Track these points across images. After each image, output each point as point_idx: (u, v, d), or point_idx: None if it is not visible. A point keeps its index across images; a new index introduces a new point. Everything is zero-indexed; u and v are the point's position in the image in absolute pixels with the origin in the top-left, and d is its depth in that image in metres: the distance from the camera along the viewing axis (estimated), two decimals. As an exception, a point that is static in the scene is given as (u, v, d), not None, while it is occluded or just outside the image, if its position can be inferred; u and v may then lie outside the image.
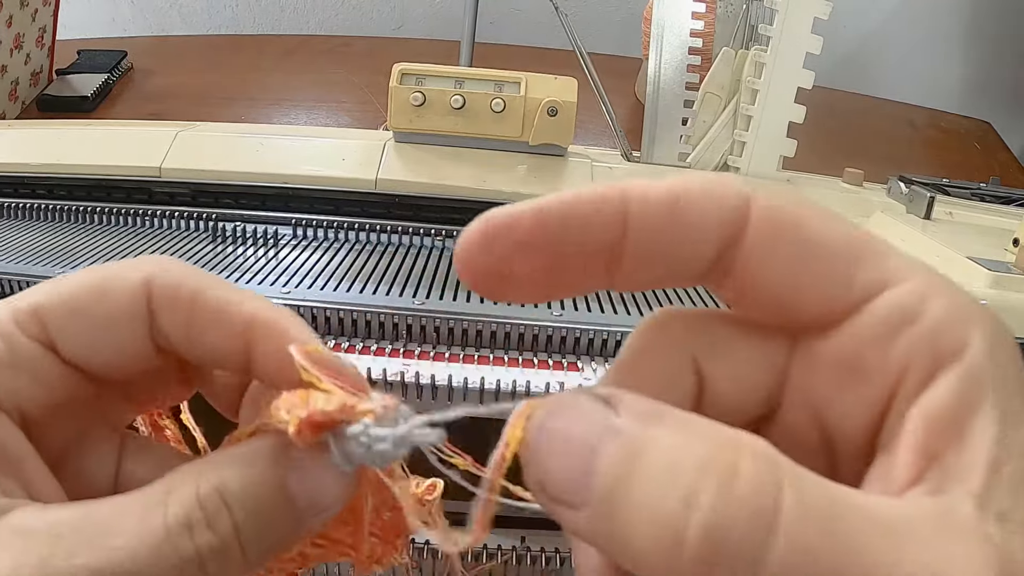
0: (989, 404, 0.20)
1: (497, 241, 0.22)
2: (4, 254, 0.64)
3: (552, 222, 0.22)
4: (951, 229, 0.72)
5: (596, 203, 0.22)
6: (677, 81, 0.80)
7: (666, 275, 0.24)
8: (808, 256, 0.22)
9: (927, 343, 0.21)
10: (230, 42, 1.68)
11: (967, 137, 1.46)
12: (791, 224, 0.22)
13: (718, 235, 0.22)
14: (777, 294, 0.23)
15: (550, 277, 0.23)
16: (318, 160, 0.76)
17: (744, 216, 0.22)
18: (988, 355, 0.21)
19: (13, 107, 1.29)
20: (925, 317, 0.21)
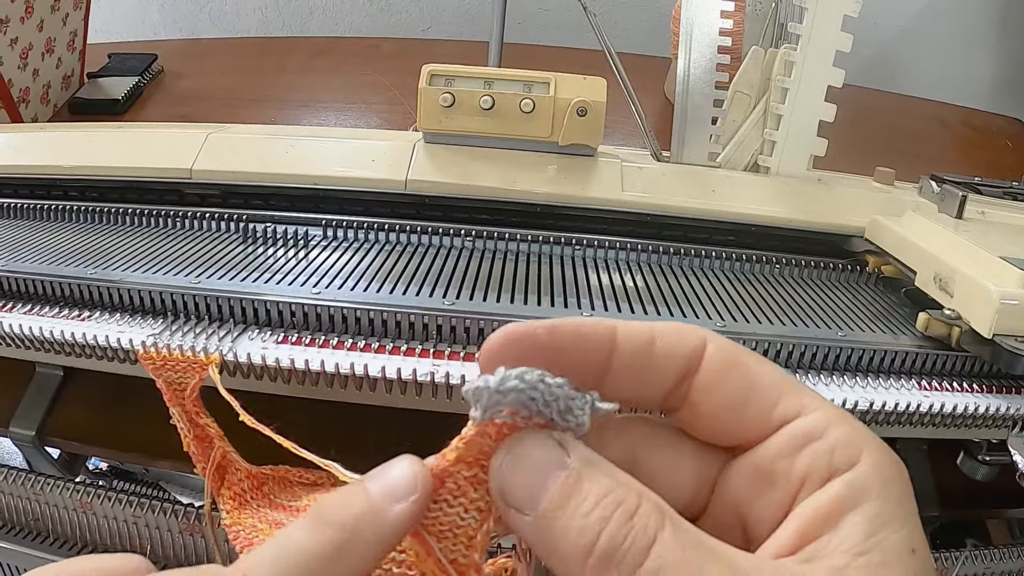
0: (866, 507, 0.27)
1: (514, 346, 0.30)
2: (38, 255, 0.65)
3: (560, 338, 0.30)
4: (983, 229, 0.71)
5: (595, 329, 0.30)
6: (706, 80, 0.80)
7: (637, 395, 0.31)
8: (746, 389, 0.30)
9: (825, 457, 0.28)
10: (260, 44, 1.69)
11: (998, 135, 1.45)
12: (735, 363, 0.31)
13: (680, 366, 0.31)
14: (718, 417, 0.31)
15: None
16: (348, 161, 0.76)
17: (701, 354, 0.31)
18: (873, 471, 0.28)
19: (45, 110, 1.30)
20: (826, 438, 0.29)
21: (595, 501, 0.27)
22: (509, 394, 0.28)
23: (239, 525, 0.44)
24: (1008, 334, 0.56)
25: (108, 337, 0.55)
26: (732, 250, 0.74)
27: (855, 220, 0.76)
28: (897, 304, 0.69)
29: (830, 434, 0.29)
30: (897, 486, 0.28)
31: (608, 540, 0.26)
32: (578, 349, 0.30)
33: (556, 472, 0.28)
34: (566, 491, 0.27)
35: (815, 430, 0.29)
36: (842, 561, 0.26)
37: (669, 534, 0.26)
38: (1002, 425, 0.59)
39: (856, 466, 0.28)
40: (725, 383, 0.30)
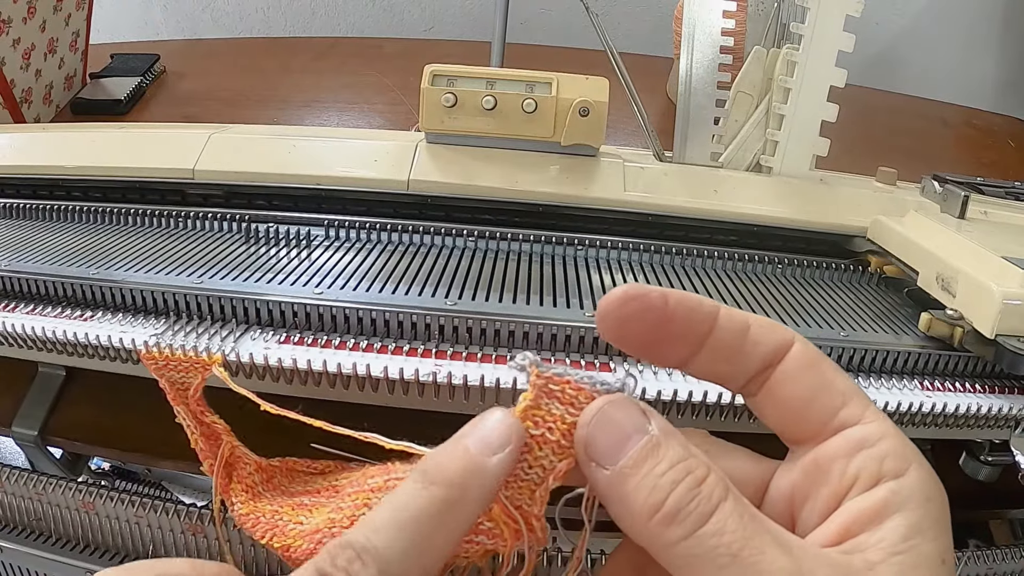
0: (907, 514, 0.30)
1: (632, 303, 0.33)
2: (41, 256, 0.65)
3: (672, 307, 0.33)
4: (986, 229, 0.71)
5: (701, 304, 0.33)
6: (709, 80, 0.80)
7: (724, 373, 0.34)
8: (817, 388, 0.33)
9: (876, 463, 0.31)
10: (262, 44, 1.69)
11: (1001, 135, 1.45)
12: (814, 364, 0.33)
13: (768, 354, 0.33)
14: (789, 408, 0.34)
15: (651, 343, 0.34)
16: (350, 161, 0.76)
17: (787, 348, 0.34)
18: (917, 485, 0.31)
19: (47, 110, 1.30)
20: (879, 446, 0.31)
21: (669, 465, 0.30)
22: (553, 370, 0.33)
23: (258, 512, 0.44)
24: (1011, 334, 0.56)
25: (110, 337, 0.55)
26: (734, 250, 0.74)
27: (857, 220, 0.76)
28: (899, 304, 0.69)
29: (883, 444, 0.31)
30: (936, 504, 0.31)
31: (675, 501, 0.29)
32: (685, 320, 0.33)
33: (638, 435, 0.31)
34: (644, 453, 0.31)
35: (871, 438, 0.32)
36: (878, 557, 0.29)
37: (731, 504, 0.29)
38: (1004, 425, 0.59)
39: (902, 477, 0.31)
40: (801, 379, 0.33)
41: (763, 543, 0.29)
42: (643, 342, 0.34)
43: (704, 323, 0.33)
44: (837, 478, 0.32)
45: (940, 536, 0.30)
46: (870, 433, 0.32)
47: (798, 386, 0.33)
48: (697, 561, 0.29)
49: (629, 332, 0.34)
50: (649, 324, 0.33)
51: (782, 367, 0.34)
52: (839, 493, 0.31)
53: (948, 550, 0.30)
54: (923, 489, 0.31)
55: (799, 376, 0.33)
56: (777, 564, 0.28)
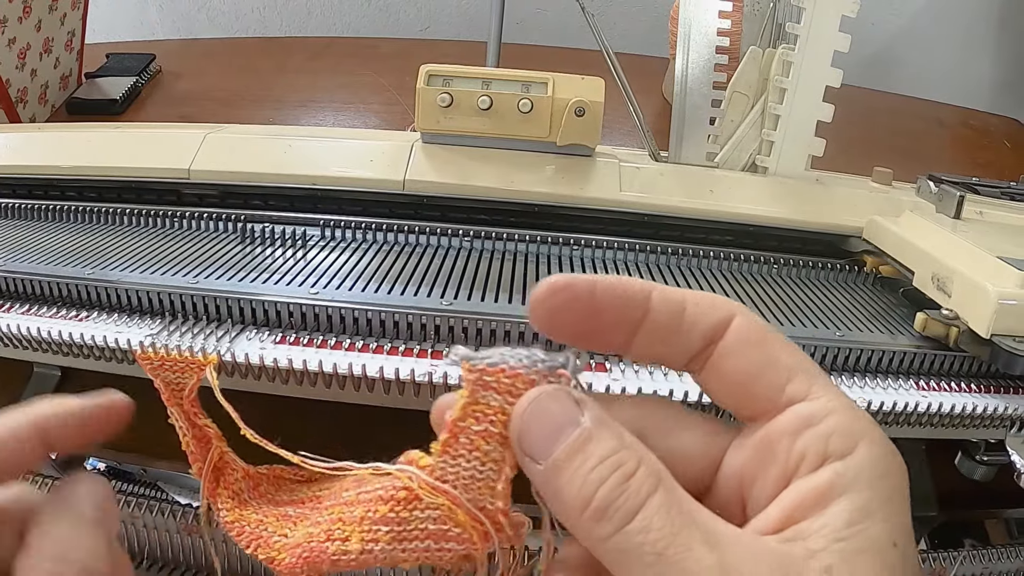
0: (853, 496, 0.28)
1: (557, 295, 0.32)
2: (36, 256, 0.65)
3: (599, 296, 0.32)
4: (981, 229, 0.71)
5: (631, 289, 0.32)
6: (704, 80, 0.80)
7: (663, 355, 0.34)
8: (761, 365, 0.32)
9: (821, 442, 0.30)
10: (258, 44, 1.69)
11: (996, 135, 1.45)
12: (758, 339, 0.32)
13: (706, 333, 0.32)
14: (733, 385, 0.33)
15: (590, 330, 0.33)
16: (346, 161, 0.76)
17: (727, 324, 0.32)
18: (867, 463, 0.29)
19: (43, 110, 1.30)
20: (825, 423, 0.30)
21: (598, 460, 0.29)
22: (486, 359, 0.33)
23: (243, 521, 0.44)
24: (1006, 334, 0.56)
25: (106, 337, 0.55)
26: (730, 250, 0.74)
27: (853, 220, 0.76)
28: (895, 304, 0.69)
29: (830, 421, 0.30)
30: (890, 481, 0.30)
31: (603, 496, 0.29)
32: (615, 307, 0.32)
33: (569, 428, 0.30)
34: (575, 447, 0.30)
35: (817, 415, 0.30)
36: (820, 545, 0.28)
37: (658, 499, 0.28)
38: (1000, 425, 0.59)
39: (850, 456, 0.29)
40: (744, 354, 0.32)
41: (689, 539, 0.28)
42: (576, 332, 0.33)
43: (636, 308, 0.32)
44: (784, 458, 0.31)
45: (892, 516, 0.29)
46: (816, 410, 0.31)
47: (741, 362, 0.32)
48: (626, 558, 0.28)
49: (560, 323, 0.33)
50: (579, 314, 0.32)
51: (723, 343, 0.32)
52: (786, 474, 0.30)
53: (902, 531, 0.29)
54: (873, 467, 0.29)
55: (742, 352, 0.32)
56: (703, 563, 0.27)
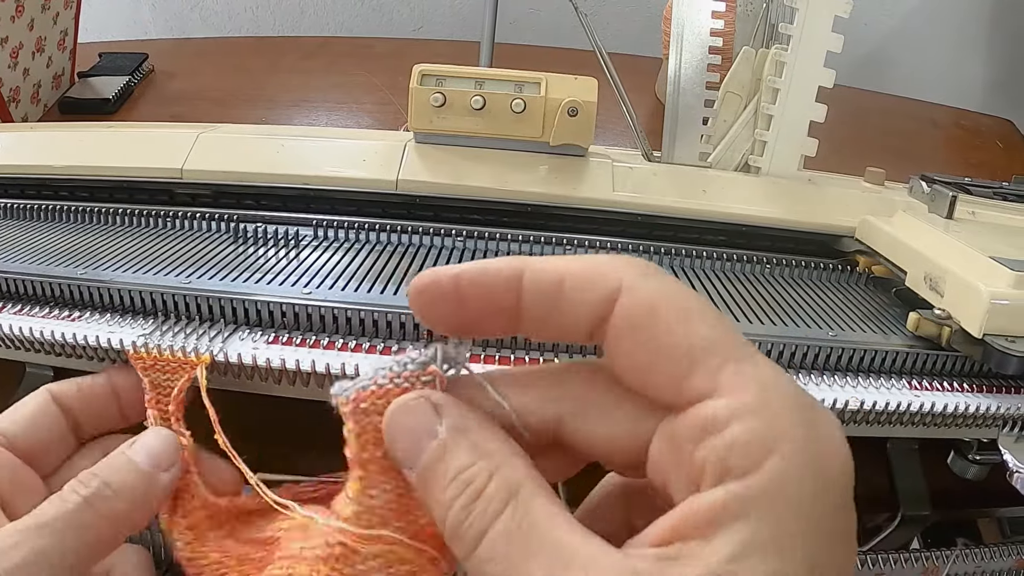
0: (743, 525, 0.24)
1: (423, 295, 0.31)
2: (28, 255, 0.64)
3: (464, 287, 0.30)
4: (974, 229, 0.72)
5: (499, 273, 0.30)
6: (697, 81, 0.80)
7: (557, 335, 0.31)
8: (654, 352, 0.27)
9: (720, 455, 0.25)
10: (251, 44, 1.69)
11: (989, 135, 1.45)
12: (648, 320, 0.27)
13: (590, 313, 0.28)
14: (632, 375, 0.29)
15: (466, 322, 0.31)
16: (339, 161, 0.76)
17: (611, 305, 0.28)
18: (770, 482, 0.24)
19: (35, 110, 1.30)
20: (725, 433, 0.25)
21: (452, 477, 0.28)
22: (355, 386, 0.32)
23: (201, 559, 0.43)
24: (998, 334, 0.56)
25: (98, 337, 0.55)
26: (723, 250, 0.74)
27: (845, 220, 0.76)
28: (887, 304, 0.69)
29: (732, 429, 0.25)
30: (804, 507, 0.25)
31: (452, 519, 0.28)
32: (482, 296, 0.30)
33: (427, 441, 0.29)
34: (433, 461, 0.29)
35: (717, 421, 0.26)
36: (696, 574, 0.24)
37: (503, 523, 0.26)
38: (992, 424, 0.59)
39: (751, 474, 0.25)
40: (632, 340, 0.28)
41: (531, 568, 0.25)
42: (455, 324, 0.31)
43: (507, 294, 0.30)
44: (688, 466, 0.26)
45: (794, 549, 0.24)
46: (719, 413, 0.26)
47: (632, 348, 0.28)
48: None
49: (435, 318, 0.31)
50: (450, 308, 0.31)
51: (611, 326, 0.28)
52: (692, 482, 0.26)
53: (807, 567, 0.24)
54: (780, 490, 0.24)
55: (630, 336, 0.28)
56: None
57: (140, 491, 0.36)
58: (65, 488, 0.35)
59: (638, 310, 0.28)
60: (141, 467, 0.36)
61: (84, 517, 0.34)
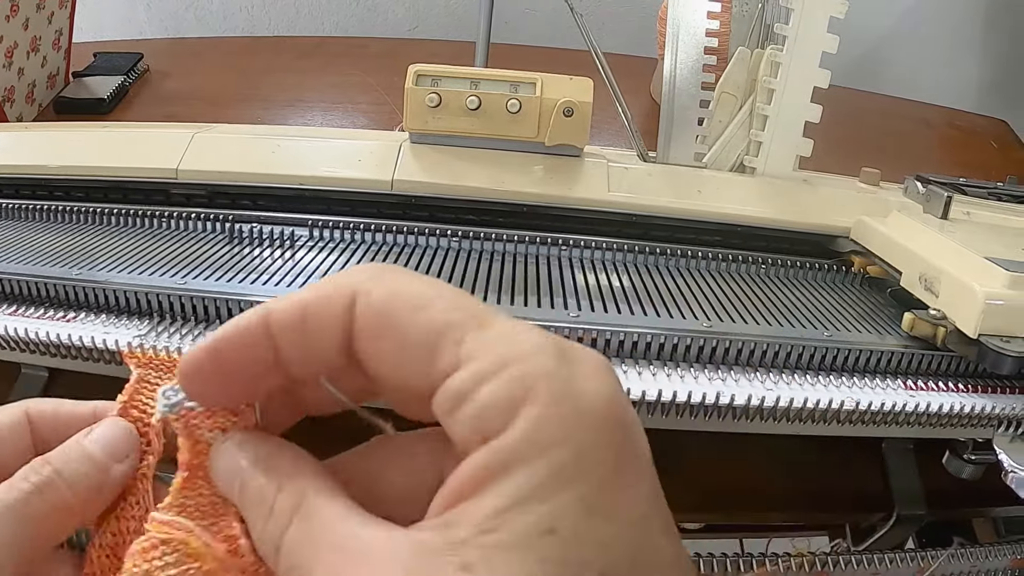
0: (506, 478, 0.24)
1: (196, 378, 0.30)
2: (23, 256, 0.64)
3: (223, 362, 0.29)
4: (969, 229, 0.72)
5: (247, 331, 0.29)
6: (693, 81, 0.80)
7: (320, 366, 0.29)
8: (399, 348, 0.27)
9: (476, 422, 0.25)
10: (246, 44, 1.69)
11: (983, 136, 1.45)
12: (384, 322, 0.27)
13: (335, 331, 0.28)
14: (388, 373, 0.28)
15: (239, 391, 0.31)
16: (334, 161, 0.76)
17: (351, 315, 0.28)
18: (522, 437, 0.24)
19: (30, 109, 1.29)
20: (475, 399, 0.25)
21: (250, 502, 0.29)
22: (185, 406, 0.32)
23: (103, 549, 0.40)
24: (993, 334, 0.56)
25: (93, 338, 0.55)
26: (718, 250, 0.74)
27: (841, 220, 0.76)
28: (883, 304, 0.69)
29: (479, 394, 0.25)
30: (560, 453, 0.24)
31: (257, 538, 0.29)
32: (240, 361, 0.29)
33: (235, 479, 0.30)
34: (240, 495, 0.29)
35: (465, 390, 0.26)
36: (466, 534, 0.24)
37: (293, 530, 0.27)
38: (987, 424, 0.59)
39: (505, 431, 0.24)
40: (377, 343, 0.28)
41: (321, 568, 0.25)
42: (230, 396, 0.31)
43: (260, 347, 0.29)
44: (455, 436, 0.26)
45: (551, 498, 0.24)
46: (464, 384, 0.25)
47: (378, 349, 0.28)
48: None
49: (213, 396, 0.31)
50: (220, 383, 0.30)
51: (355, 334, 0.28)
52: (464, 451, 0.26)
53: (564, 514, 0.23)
54: (535, 440, 0.24)
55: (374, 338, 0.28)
56: None
57: (93, 482, 0.35)
58: (16, 475, 0.34)
59: (373, 312, 0.27)
60: (96, 457, 0.35)
61: (31, 507, 0.32)
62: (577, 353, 0.26)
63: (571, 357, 0.26)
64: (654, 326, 0.59)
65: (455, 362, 0.26)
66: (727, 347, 0.59)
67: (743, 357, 0.59)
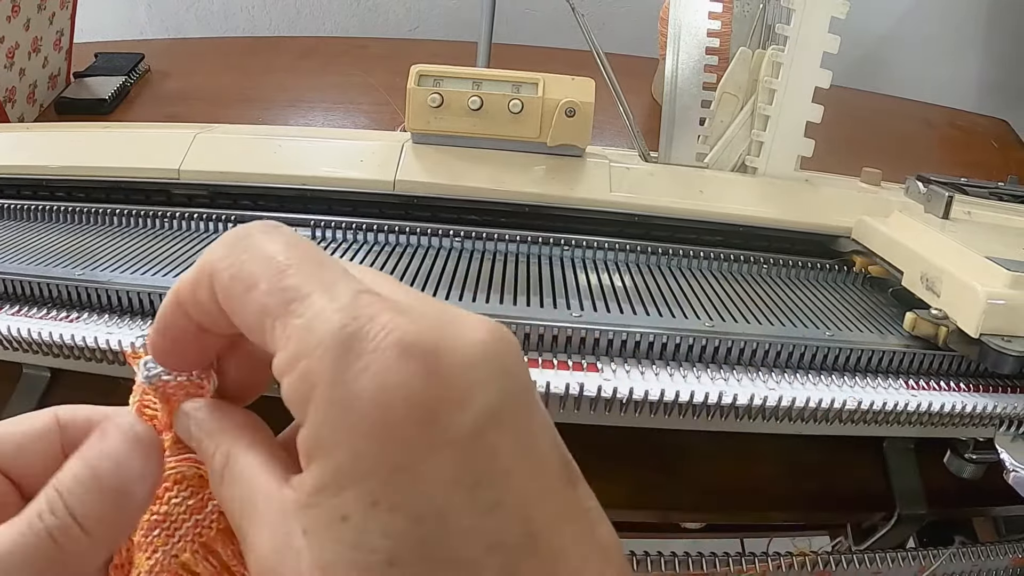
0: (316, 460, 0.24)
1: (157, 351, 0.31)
2: (25, 256, 0.64)
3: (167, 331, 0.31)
4: (970, 229, 0.72)
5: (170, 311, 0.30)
6: (694, 81, 0.80)
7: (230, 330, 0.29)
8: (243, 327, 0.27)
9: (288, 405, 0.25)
10: (247, 44, 1.69)
11: (984, 136, 1.45)
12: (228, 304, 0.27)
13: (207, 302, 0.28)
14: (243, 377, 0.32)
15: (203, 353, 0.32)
16: (336, 161, 0.76)
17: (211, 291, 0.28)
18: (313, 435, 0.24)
19: (31, 110, 1.29)
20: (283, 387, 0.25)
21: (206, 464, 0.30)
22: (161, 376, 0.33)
23: None
24: (994, 333, 0.56)
25: (96, 338, 0.55)
26: (720, 250, 0.74)
27: (842, 220, 0.76)
28: (884, 304, 0.69)
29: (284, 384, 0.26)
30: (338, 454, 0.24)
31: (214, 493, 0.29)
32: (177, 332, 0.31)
33: (190, 442, 0.31)
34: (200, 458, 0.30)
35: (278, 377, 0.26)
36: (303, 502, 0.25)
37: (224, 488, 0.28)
38: (989, 424, 0.59)
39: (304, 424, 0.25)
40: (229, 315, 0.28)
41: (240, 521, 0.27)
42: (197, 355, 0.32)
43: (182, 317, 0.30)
44: None
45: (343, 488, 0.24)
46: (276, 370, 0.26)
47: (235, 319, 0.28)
48: None
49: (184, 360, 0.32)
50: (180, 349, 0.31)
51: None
52: None
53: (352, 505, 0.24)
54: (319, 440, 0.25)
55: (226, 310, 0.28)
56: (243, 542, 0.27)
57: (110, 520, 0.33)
58: (29, 510, 0.32)
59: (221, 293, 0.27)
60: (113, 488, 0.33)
61: (44, 553, 0.31)
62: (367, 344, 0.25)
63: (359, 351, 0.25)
64: (656, 326, 0.59)
65: (274, 347, 0.26)
66: (729, 347, 0.59)
67: (745, 357, 0.60)
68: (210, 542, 0.33)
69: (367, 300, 0.26)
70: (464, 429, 0.24)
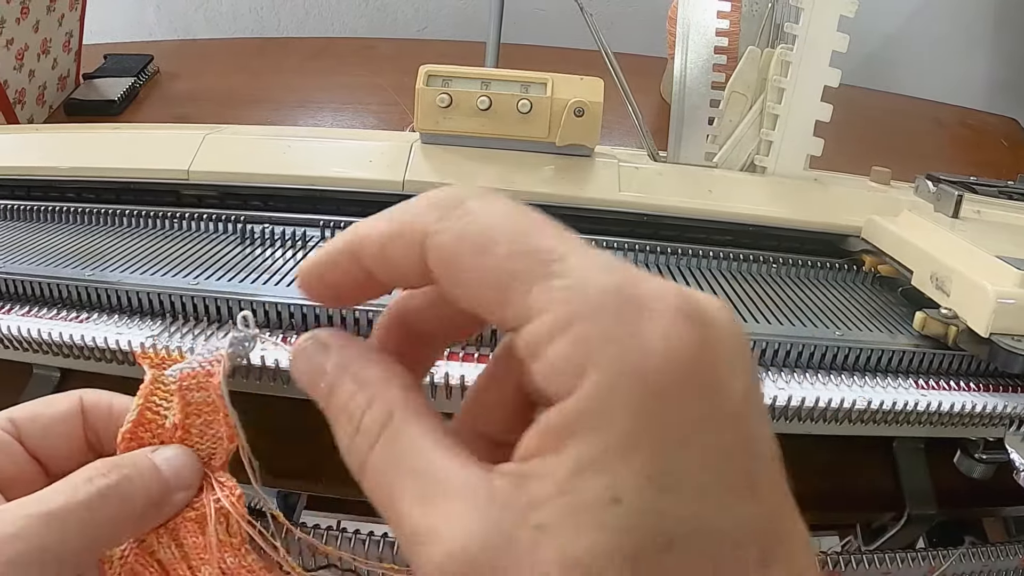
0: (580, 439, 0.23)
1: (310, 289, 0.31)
2: (35, 257, 0.65)
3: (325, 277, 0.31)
4: (980, 228, 0.72)
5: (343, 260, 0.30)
6: (703, 80, 0.80)
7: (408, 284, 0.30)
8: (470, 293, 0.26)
9: (544, 381, 0.24)
10: (255, 45, 1.69)
11: (994, 134, 1.45)
12: (451, 270, 0.26)
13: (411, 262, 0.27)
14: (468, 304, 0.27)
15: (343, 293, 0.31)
16: (345, 162, 0.76)
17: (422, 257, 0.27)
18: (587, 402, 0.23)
19: (41, 111, 1.30)
20: (543, 359, 0.24)
21: (338, 411, 0.29)
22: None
23: None
24: (1005, 333, 0.56)
25: (106, 339, 0.55)
26: (729, 250, 0.74)
27: (852, 220, 0.76)
28: (894, 303, 0.69)
29: (548, 353, 0.24)
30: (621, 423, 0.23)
31: (344, 453, 0.28)
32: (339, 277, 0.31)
33: (318, 381, 0.30)
34: (324, 400, 0.30)
35: (534, 344, 0.24)
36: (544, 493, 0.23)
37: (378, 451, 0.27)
38: (999, 423, 0.59)
39: (572, 394, 0.23)
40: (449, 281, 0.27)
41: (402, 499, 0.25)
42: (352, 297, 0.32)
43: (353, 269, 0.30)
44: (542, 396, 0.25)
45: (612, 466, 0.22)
46: (530, 340, 0.24)
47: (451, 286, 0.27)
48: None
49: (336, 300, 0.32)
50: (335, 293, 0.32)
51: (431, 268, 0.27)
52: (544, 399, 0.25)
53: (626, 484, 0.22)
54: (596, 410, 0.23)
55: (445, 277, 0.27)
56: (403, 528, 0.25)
57: (156, 499, 0.34)
58: (79, 474, 0.33)
59: (442, 258, 0.26)
60: (164, 477, 0.35)
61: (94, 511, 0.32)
62: (650, 301, 0.24)
63: (640, 308, 0.23)
64: (665, 326, 0.59)
65: (525, 314, 0.24)
66: (738, 346, 0.59)
67: (754, 356, 0.59)
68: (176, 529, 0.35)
69: (620, 263, 0.25)
70: (734, 404, 0.24)
